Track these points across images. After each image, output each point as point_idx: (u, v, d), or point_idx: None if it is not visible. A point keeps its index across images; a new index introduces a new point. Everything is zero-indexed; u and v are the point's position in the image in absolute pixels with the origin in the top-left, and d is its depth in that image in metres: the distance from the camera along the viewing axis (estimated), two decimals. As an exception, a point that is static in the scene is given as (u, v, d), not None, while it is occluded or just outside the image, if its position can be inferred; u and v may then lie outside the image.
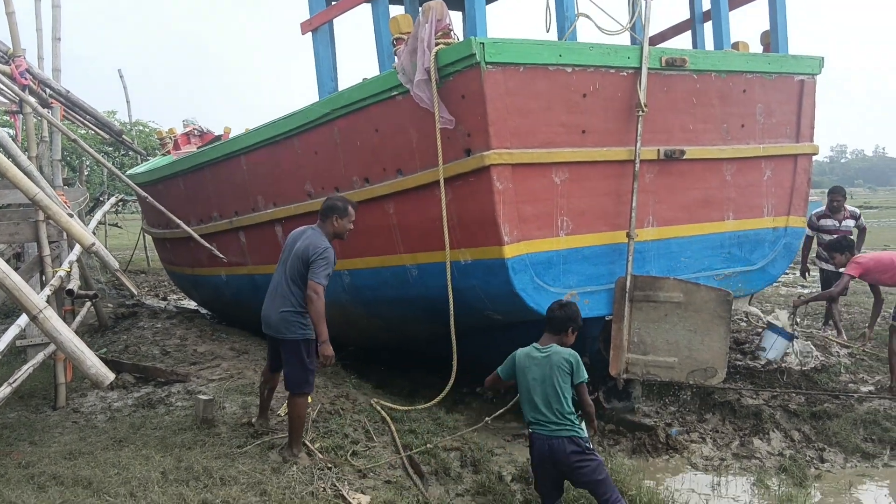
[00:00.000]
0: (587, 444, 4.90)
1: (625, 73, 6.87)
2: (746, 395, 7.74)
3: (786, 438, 7.22)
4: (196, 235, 9.89)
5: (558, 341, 5.09)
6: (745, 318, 10.62)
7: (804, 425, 7.33)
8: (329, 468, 5.33)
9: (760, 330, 8.82)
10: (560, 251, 6.78)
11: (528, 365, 5.05)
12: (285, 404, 6.25)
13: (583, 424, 5.09)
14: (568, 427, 4.84)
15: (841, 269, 8.66)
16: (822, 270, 10.19)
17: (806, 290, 13.70)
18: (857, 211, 9.76)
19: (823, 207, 9.68)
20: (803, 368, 8.10)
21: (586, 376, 5.02)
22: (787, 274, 8.94)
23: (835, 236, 9.33)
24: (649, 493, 5.82)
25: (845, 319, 9.92)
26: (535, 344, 5.14)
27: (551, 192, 6.69)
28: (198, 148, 11.72)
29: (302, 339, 5.52)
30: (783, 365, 8.08)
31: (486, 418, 6.15)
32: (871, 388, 7.98)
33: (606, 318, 7.19)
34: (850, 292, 11.43)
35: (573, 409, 4.94)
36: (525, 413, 5.09)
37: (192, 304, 14.23)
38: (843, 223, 9.47)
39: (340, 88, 7.98)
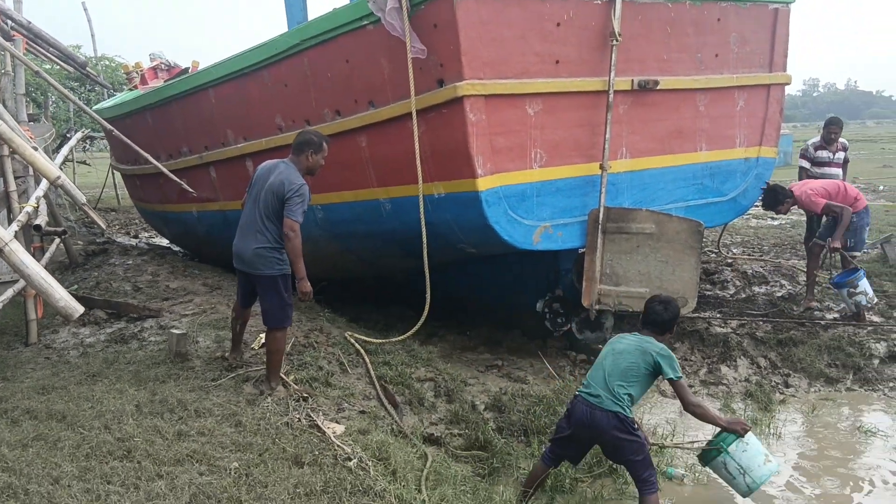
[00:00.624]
0: (633, 425, 4.68)
1: (599, 2, 6.75)
2: (715, 324, 7.89)
3: (752, 365, 7.40)
4: (165, 170, 9.73)
5: (663, 341, 4.87)
6: (715, 251, 10.75)
7: (770, 352, 7.51)
8: (304, 399, 5.38)
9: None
10: (534, 183, 6.76)
11: (617, 340, 4.92)
12: (259, 338, 6.27)
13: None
14: (614, 402, 4.62)
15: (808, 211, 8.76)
16: None
17: (776, 223, 13.86)
18: (847, 143, 9.75)
19: (819, 138, 9.60)
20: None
21: (678, 374, 4.73)
22: (756, 206, 8.98)
23: (827, 170, 9.35)
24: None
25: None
26: (636, 332, 4.99)
27: (525, 124, 6.63)
28: (165, 82, 11.47)
29: (279, 275, 5.47)
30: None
31: None
32: (836, 315, 8.16)
33: (579, 251, 7.24)
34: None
35: (629, 396, 4.68)
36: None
37: (163, 242, 14.12)
38: (837, 155, 9.45)
39: (310, 19, 7.79)
